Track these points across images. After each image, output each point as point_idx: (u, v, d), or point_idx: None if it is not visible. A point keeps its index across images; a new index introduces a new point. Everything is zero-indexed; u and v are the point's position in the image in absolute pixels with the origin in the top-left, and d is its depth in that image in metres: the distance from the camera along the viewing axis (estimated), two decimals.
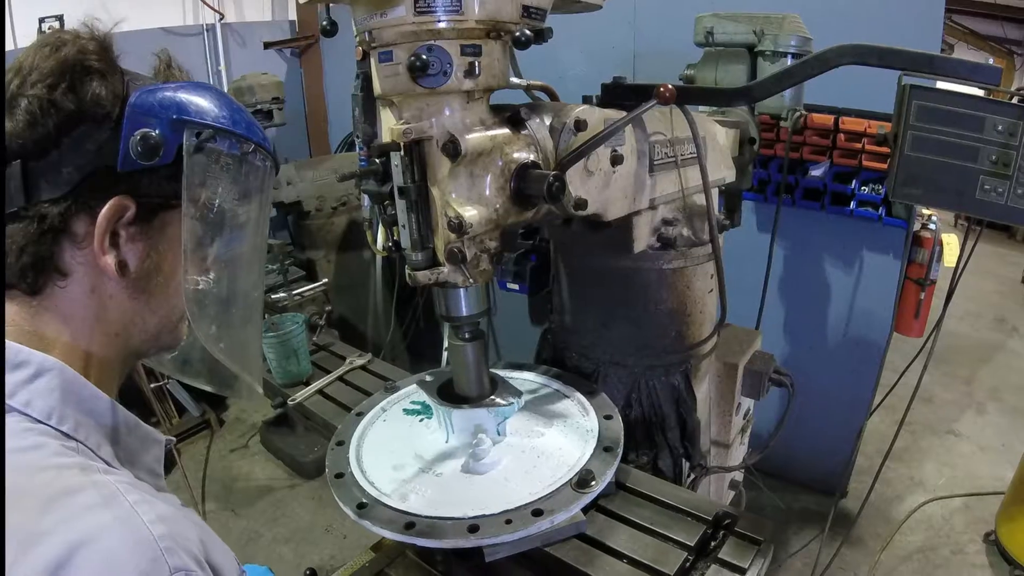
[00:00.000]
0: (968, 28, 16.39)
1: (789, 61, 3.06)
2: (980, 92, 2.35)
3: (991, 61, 2.27)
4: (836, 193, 4.61)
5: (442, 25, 1.72)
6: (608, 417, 2.40)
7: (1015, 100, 2.30)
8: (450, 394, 2.36)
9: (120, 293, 1.40)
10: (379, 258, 6.51)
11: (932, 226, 4.52)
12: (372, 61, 1.85)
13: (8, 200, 1.26)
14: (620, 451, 2.24)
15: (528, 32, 1.81)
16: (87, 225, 1.31)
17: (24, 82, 1.28)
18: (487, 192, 1.87)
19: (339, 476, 2.23)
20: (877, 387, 5.20)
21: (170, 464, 5.70)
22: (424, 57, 1.70)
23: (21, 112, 1.26)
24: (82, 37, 1.35)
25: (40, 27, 5.78)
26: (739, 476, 3.33)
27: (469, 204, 1.82)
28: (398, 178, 1.80)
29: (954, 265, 3.79)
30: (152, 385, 6.37)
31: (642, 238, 2.50)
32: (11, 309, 1.33)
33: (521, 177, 1.90)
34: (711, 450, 3.06)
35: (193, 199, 1.41)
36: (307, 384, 3.39)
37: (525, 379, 2.72)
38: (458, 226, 1.77)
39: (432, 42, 1.73)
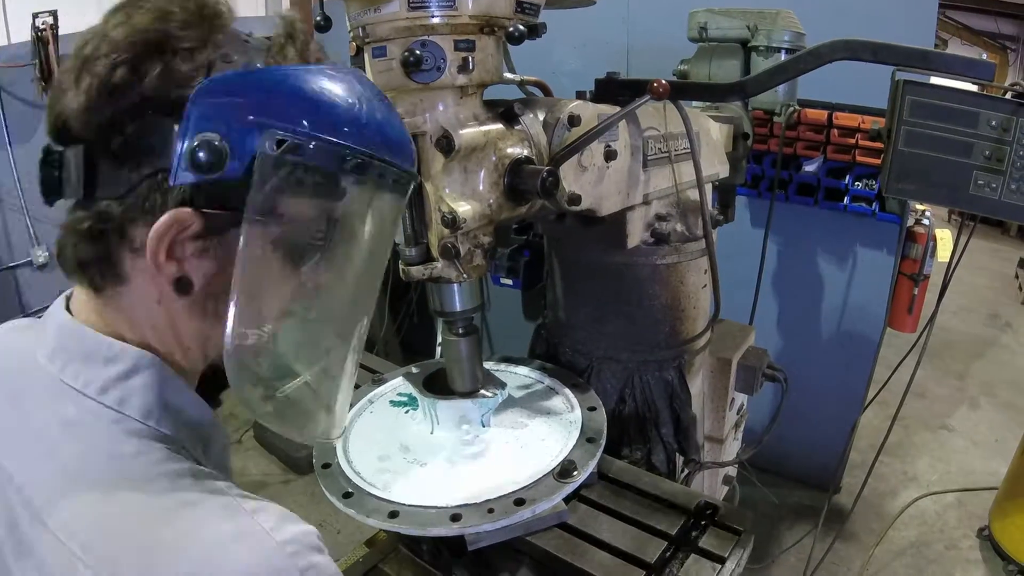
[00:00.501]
0: (962, 23, 16.45)
1: (783, 56, 3.06)
2: (974, 87, 2.35)
3: (985, 56, 2.28)
4: (830, 188, 4.63)
5: (436, 20, 1.71)
6: (592, 409, 2.40)
7: (1009, 95, 2.30)
8: (435, 386, 2.36)
9: (185, 310, 1.21)
10: None
11: (926, 221, 4.54)
12: (366, 56, 1.85)
13: (68, 189, 1.15)
14: (603, 442, 2.23)
15: (522, 27, 1.81)
16: (145, 232, 1.10)
17: (95, 53, 1.09)
18: (481, 187, 1.87)
19: (326, 466, 2.20)
20: (870, 382, 5.22)
21: None
22: (418, 52, 1.69)
23: (82, 90, 1.08)
24: (174, 7, 1.13)
25: (34, 22, 5.76)
26: (733, 471, 3.33)
27: (463, 199, 1.82)
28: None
29: (947, 260, 3.79)
30: None
31: (636, 233, 2.49)
32: (79, 299, 1.25)
33: (515, 172, 1.89)
34: (705, 445, 3.06)
35: (265, 225, 1.16)
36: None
37: (513, 373, 2.71)
38: (452, 221, 1.77)
39: (426, 37, 1.72)
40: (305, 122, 1.13)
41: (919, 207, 4.65)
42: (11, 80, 6.01)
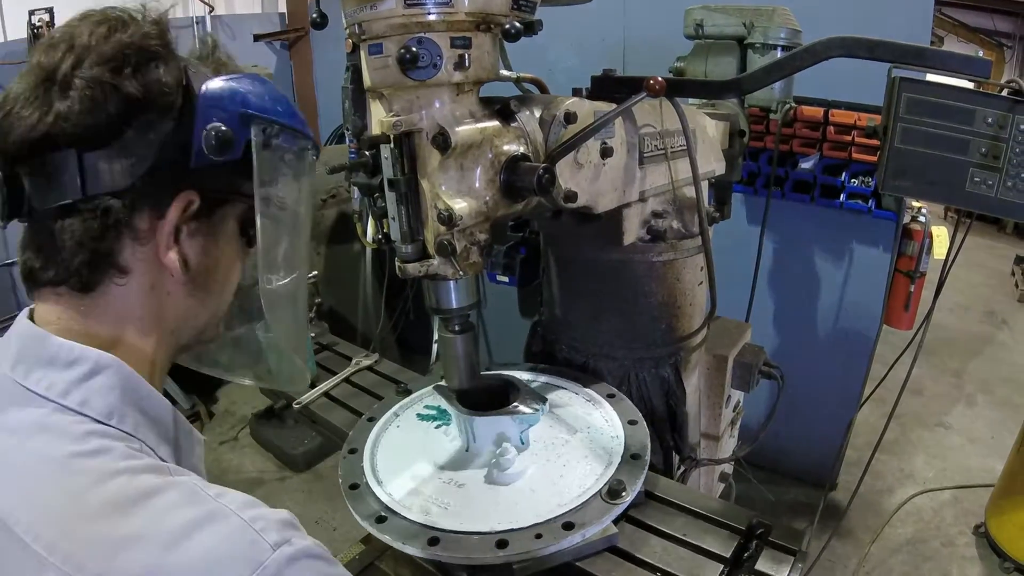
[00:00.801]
0: (958, 20, 16.47)
1: (779, 54, 3.06)
2: (970, 85, 2.35)
3: (981, 53, 2.29)
4: (826, 185, 4.63)
5: (432, 17, 1.71)
6: (632, 423, 2.36)
7: (1005, 93, 2.30)
8: (470, 400, 2.28)
9: (178, 290, 1.36)
10: (369, 250, 6.52)
11: (922, 218, 4.54)
12: (362, 53, 1.84)
13: (61, 191, 1.20)
14: (648, 458, 2.18)
15: (518, 24, 1.80)
16: (150, 220, 1.27)
17: (80, 62, 1.19)
18: (477, 184, 1.87)
19: (354, 487, 2.15)
20: (867, 379, 5.22)
21: None
22: (414, 49, 1.69)
23: (77, 95, 1.17)
24: (139, 19, 1.29)
25: (30, 19, 5.76)
26: (729, 468, 3.34)
27: (459, 196, 1.82)
28: (388, 170, 1.79)
29: (944, 257, 3.79)
30: None
31: (632, 230, 2.49)
32: (57, 308, 1.28)
33: (511, 169, 1.89)
34: (701, 442, 3.07)
35: (264, 195, 1.38)
36: (312, 385, 3.21)
37: (543, 383, 2.68)
38: (448, 218, 1.76)
39: (422, 34, 1.72)
40: (272, 114, 1.38)
41: (915, 204, 4.64)
42: (7, 77, 5.97)
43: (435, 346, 6.17)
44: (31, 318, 1.30)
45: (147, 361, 1.35)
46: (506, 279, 3.28)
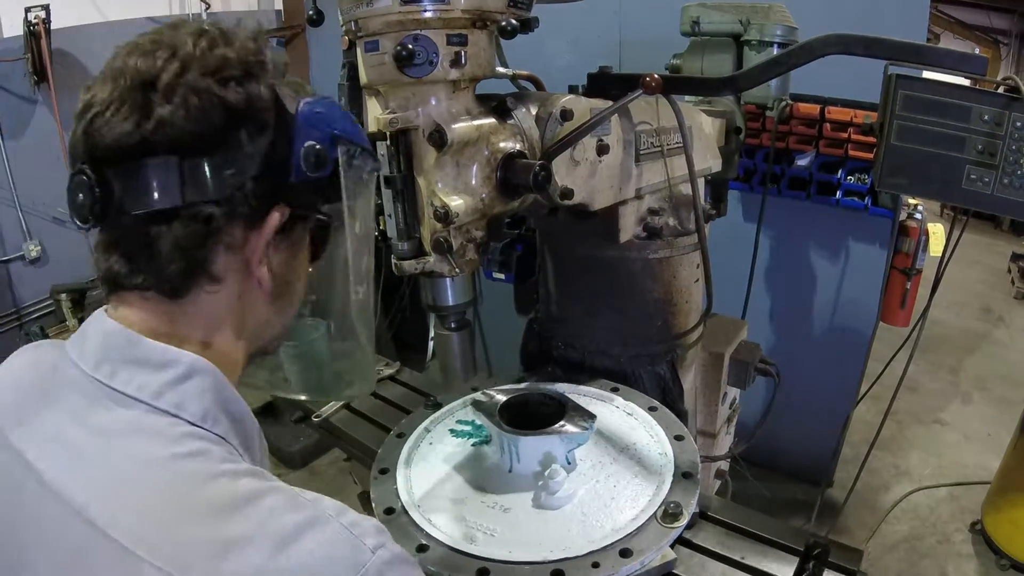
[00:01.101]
0: (954, 17, 16.49)
1: (775, 51, 3.05)
2: (966, 82, 2.35)
3: (977, 51, 2.29)
4: (822, 182, 4.62)
5: (428, 15, 1.71)
6: (679, 438, 2.28)
7: (1001, 90, 2.30)
8: (511, 417, 2.21)
9: (261, 300, 1.39)
10: None
11: (918, 216, 4.54)
12: (358, 51, 1.84)
13: (159, 196, 1.18)
14: (700, 477, 2.09)
15: (514, 21, 1.80)
16: (243, 231, 1.28)
17: (185, 70, 1.19)
18: (473, 182, 1.87)
19: (389, 512, 2.04)
20: (863, 376, 5.23)
21: None
22: (410, 47, 1.69)
23: (181, 102, 1.17)
24: (239, 34, 1.30)
25: (26, 16, 5.75)
26: (725, 466, 3.33)
27: (455, 194, 1.82)
28: (384, 168, 1.80)
29: (940, 254, 3.80)
30: None
31: (628, 228, 2.49)
32: (142, 312, 1.28)
33: (507, 167, 1.89)
34: (697, 440, 3.05)
35: (350, 213, 1.43)
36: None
37: (578, 395, 2.54)
38: (444, 215, 1.76)
39: (418, 32, 1.72)
40: (353, 136, 1.42)
41: (912, 201, 4.65)
42: (3, 74, 6.03)
43: (431, 343, 6.18)
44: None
45: (231, 365, 1.37)
46: (502, 276, 3.27)
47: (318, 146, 1.31)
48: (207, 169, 1.20)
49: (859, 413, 5.55)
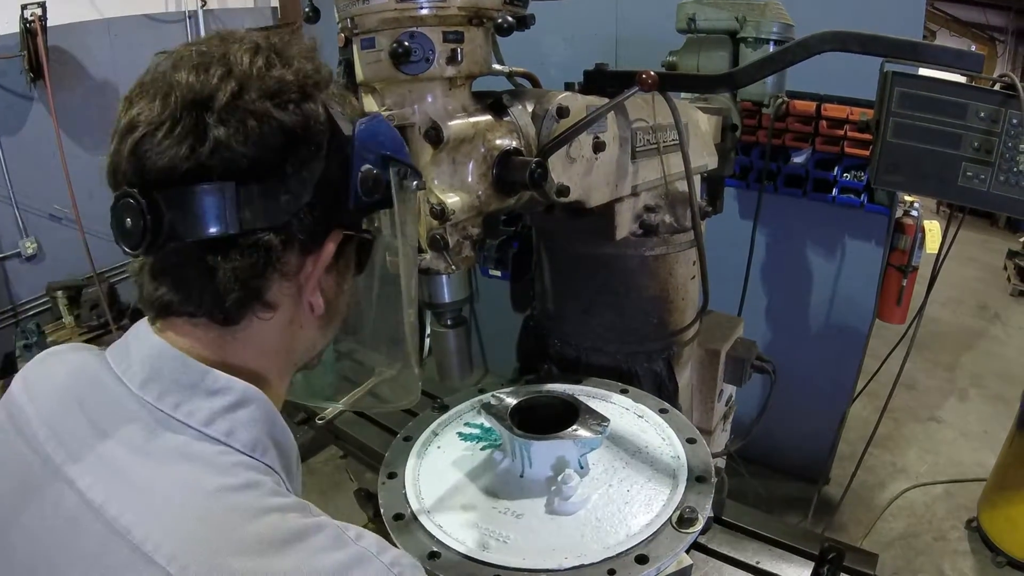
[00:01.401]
0: (950, 15, 16.49)
1: (771, 48, 3.05)
2: (962, 79, 2.35)
3: (973, 48, 2.29)
4: (818, 180, 4.63)
5: (424, 12, 1.71)
6: (691, 441, 2.25)
7: (997, 87, 2.30)
8: (522, 420, 2.17)
9: (312, 324, 1.37)
10: None
11: (914, 213, 4.55)
12: (354, 48, 1.84)
13: (214, 223, 1.14)
14: (714, 481, 2.06)
15: (510, 19, 1.81)
16: (297, 257, 1.25)
17: (242, 91, 1.14)
18: (469, 179, 1.87)
19: (399, 518, 1.99)
20: (859, 374, 5.24)
21: None
22: (406, 44, 1.69)
23: (238, 125, 1.13)
24: (295, 52, 1.26)
25: (23, 13, 5.75)
26: (721, 463, 3.33)
27: (451, 191, 1.82)
28: None
29: (936, 252, 3.81)
30: None
31: (624, 225, 2.49)
32: (190, 337, 1.24)
33: (503, 164, 1.89)
34: None
35: (403, 235, 1.43)
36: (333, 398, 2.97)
37: (586, 396, 2.49)
38: (440, 213, 1.76)
39: (414, 29, 1.72)
40: (403, 156, 1.39)
41: (908, 198, 4.65)
42: (1, 71, 6.01)
43: (427, 340, 6.17)
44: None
45: (278, 391, 1.36)
46: (499, 273, 3.27)
47: (375, 170, 1.30)
48: (263, 195, 1.17)
49: (855, 410, 5.56)
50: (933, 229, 4.50)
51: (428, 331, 2.41)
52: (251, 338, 1.26)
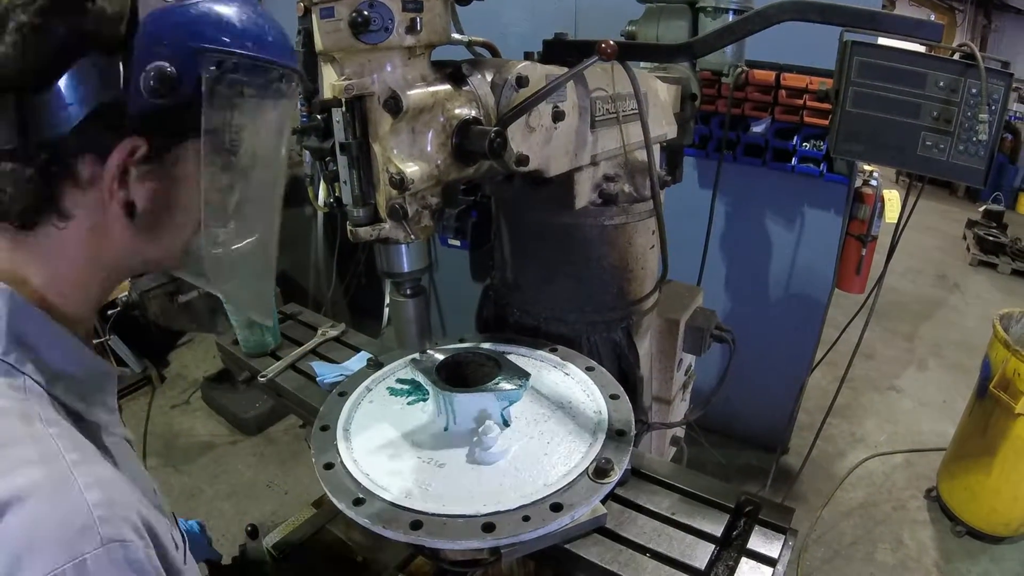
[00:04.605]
0: None
1: (730, 17, 3.05)
2: (922, 49, 2.36)
3: (933, 17, 2.29)
4: (777, 149, 4.65)
5: None
6: (615, 397, 2.34)
7: (956, 57, 2.31)
8: (445, 374, 2.25)
9: (123, 232, 1.28)
10: (320, 214, 6.50)
11: (874, 182, 4.57)
12: (313, 17, 1.83)
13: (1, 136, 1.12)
14: (632, 435, 2.14)
15: None
16: (93, 166, 1.19)
17: (13, 3, 1.09)
18: (429, 148, 1.86)
19: (328, 467, 2.07)
20: (818, 343, 5.28)
21: None
22: (366, 13, 1.67)
23: (10, 35, 1.09)
24: None
25: None
26: (681, 432, 3.34)
27: (411, 160, 1.81)
28: (339, 134, 1.79)
29: (895, 221, 3.83)
30: (93, 341, 6.31)
31: (584, 194, 2.49)
32: None
33: (463, 133, 1.88)
34: (653, 406, 3.07)
35: (215, 138, 1.30)
36: (275, 356, 3.11)
37: (516, 355, 2.62)
38: (399, 182, 1.76)
39: None
40: (231, 43, 1.27)
41: (867, 168, 4.68)
42: None
43: (386, 310, 6.18)
44: None
45: (69, 293, 1.30)
46: (458, 243, 3.28)
47: (166, 67, 1.18)
48: (43, 106, 1.13)
49: (814, 380, 5.61)
50: (892, 198, 4.52)
51: (387, 300, 2.41)
52: (45, 244, 1.24)
